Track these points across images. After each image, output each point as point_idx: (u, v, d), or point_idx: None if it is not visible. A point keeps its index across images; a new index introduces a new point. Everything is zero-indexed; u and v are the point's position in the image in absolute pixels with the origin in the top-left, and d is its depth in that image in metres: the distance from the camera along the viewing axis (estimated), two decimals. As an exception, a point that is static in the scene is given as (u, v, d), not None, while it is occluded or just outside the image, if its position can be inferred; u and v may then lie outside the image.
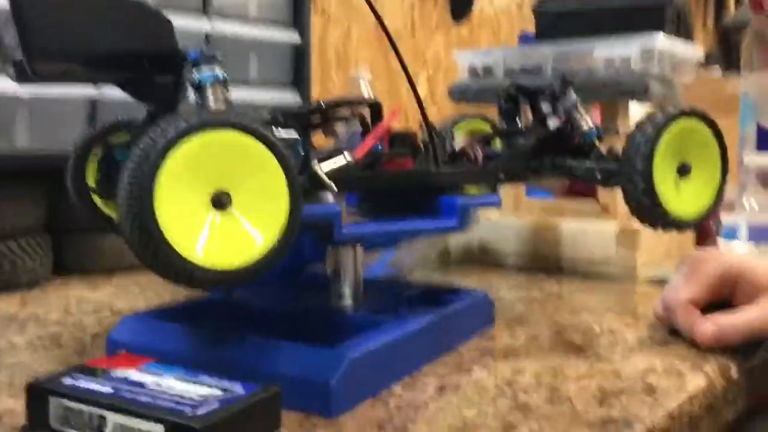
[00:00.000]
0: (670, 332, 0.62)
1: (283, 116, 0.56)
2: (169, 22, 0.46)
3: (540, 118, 0.68)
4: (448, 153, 0.62)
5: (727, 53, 2.17)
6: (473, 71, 0.98)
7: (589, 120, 0.65)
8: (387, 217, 0.56)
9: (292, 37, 0.99)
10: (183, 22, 0.88)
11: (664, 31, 0.86)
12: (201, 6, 0.89)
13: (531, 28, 1.00)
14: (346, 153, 0.52)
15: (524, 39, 1.15)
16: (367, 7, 0.53)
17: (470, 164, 0.62)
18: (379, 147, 0.54)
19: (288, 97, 1.00)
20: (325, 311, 0.56)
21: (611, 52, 0.86)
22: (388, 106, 0.56)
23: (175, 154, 0.40)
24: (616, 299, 0.75)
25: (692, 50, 0.92)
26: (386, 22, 0.55)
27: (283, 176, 0.42)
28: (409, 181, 0.56)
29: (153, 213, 0.39)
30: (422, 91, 1.67)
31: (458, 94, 0.97)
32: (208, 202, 0.41)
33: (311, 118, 0.56)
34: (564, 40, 0.91)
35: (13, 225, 0.76)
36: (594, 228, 0.87)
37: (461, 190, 0.62)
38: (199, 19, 0.89)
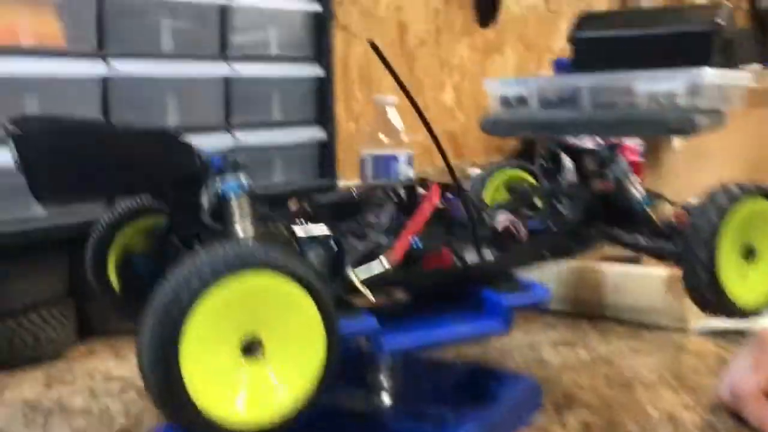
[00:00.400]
0: (734, 417, 0.57)
1: (311, 208, 0.52)
2: (190, 145, 0.42)
3: (585, 179, 0.64)
4: (489, 230, 0.58)
5: (762, 39, 2.07)
6: (505, 101, 0.93)
7: (640, 187, 0.61)
8: (425, 313, 0.52)
9: (315, 71, 0.95)
10: (200, 68, 0.84)
11: (711, 62, 0.80)
12: (218, 49, 0.85)
13: (559, 25, 0.94)
14: (382, 258, 0.47)
15: (559, 65, 1.10)
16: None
17: (513, 242, 0.57)
18: (416, 245, 0.50)
19: (313, 135, 0.95)
20: (362, 419, 0.53)
21: (655, 86, 0.81)
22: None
23: (202, 305, 0.36)
24: (669, 363, 0.71)
25: (742, 78, 0.86)
26: (411, 28, 0.51)
27: (320, 319, 0.38)
28: (450, 277, 0.52)
29: (179, 373, 0.36)
30: (449, 99, 1.62)
31: (490, 126, 0.92)
32: (238, 351, 0.38)
33: (343, 207, 0.52)
34: (602, 69, 0.86)
35: (35, 298, 0.74)
36: (639, 273, 0.83)
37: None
38: (217, 62, 0.85)
